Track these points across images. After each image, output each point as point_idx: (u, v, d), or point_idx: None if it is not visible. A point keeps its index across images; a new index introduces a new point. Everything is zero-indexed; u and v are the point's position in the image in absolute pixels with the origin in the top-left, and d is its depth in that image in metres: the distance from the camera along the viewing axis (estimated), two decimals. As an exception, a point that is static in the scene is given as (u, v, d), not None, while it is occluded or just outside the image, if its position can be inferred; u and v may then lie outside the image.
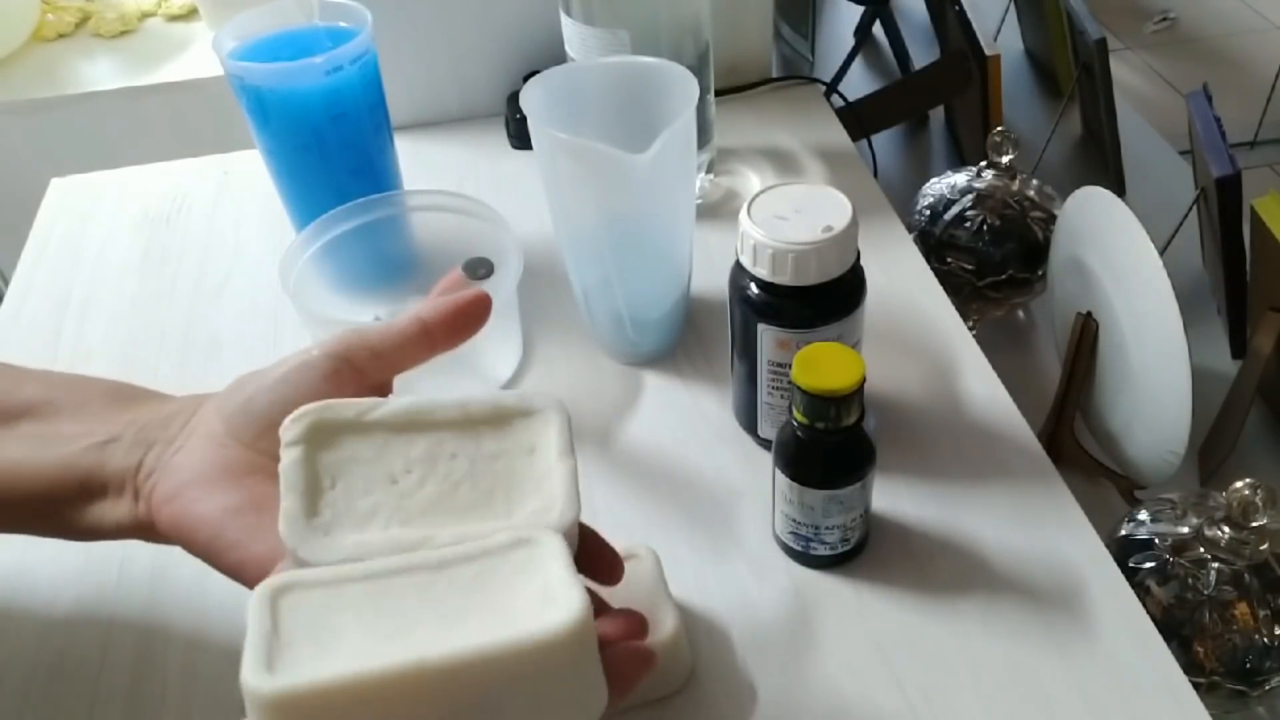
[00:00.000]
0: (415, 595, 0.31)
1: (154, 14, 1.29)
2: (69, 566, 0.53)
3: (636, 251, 0.58)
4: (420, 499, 0.35)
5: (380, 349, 0.40)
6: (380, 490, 0.35)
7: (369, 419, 0.36)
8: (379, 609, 0.31)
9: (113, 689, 0.48)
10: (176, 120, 1.14)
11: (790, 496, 0.49)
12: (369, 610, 0.31)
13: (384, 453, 0.35)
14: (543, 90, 0.56)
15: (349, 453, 0.35)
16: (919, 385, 0.60)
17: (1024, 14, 1.16)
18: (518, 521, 0.34)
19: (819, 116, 0.84)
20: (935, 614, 0.49)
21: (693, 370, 0.62)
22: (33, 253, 0.76)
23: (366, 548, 0.33)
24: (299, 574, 0.32)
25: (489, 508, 0.35)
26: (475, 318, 0.42)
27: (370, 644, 0.30)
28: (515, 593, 0.31)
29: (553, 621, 0.29)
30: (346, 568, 0.32)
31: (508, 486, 0.35)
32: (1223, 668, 0.52)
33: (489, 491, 0.35)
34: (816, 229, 0.49)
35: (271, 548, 0.35)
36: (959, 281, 0.76)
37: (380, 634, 0.30)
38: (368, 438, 0.36)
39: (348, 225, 0.61)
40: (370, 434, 0.36)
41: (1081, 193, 0.65)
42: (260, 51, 0.62)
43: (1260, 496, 0.51)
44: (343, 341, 0.39)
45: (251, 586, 0.35)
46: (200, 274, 0.73)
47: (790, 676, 0.47)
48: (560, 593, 0.31)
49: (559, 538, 0.33)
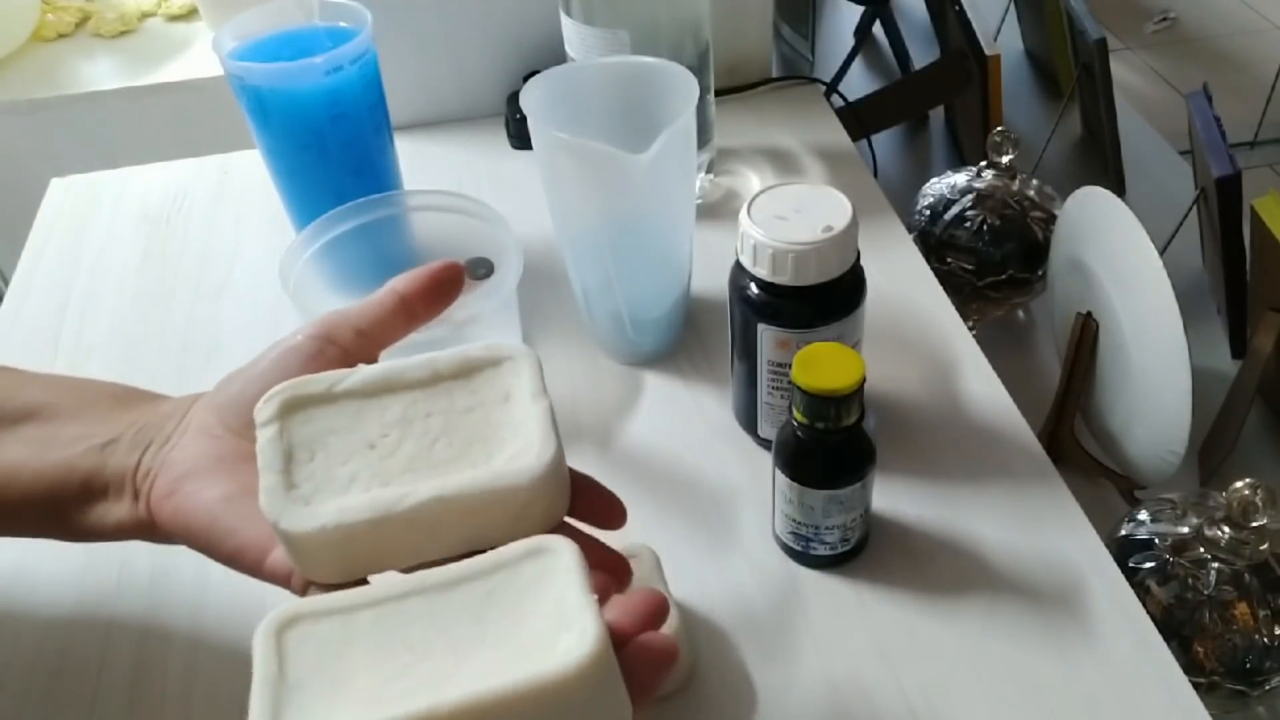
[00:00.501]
0: (426, 620, 0.31)
1: (154, 14, 1.29)
2: (69, 567, 0.53)
3: (636, 251, 0.58)
4: (399, 460, 0.34)
5: (362, 325, 0.40)
6: (359, 457, 0.34)
7: (340, 389, 0.36)
8: (388, 640, 0.30)
9: (113, 689, 0.48)
10: (176, 120, 1.14)
11: (790, 496, 0.49)
12: (378, 642, 0.30)
13: (359, 420, 0.35)
14: (543, 90, 0.56)
15: (324, 424, 0.35)
16: (919, 385, 0.60)
17: (1024, 14, 1.16)
18: (497, 466, 0.34)
19: (819, 116, 0.84)
20: (935, 614, 0.49)
21: (693, 370, 0.62)
22: (33, 253, 0.76)
23: (347, 511, 0.33)
24: (305, 604, 0.31)
25: (467, 458, 0.34)
26: (451, 283, 0.42)
27: (380, 685, 0.29)
28: (530, 612, 0.31)
29: (569, 657, 0.28)
30: (354, 593, 0.31)
31: (485, 437, 0.35)
32: (1223, 668, 0.52)
33: (466, 443, 0.35)
34: (816, 229, 0.49)
35: (267, 531, 0.35)
36: (959, 281, 0.76)
37: (390, 671, 0.29)
38: (341, 408, 0.35)
39: (348, 225, 0.61)
40: (343, 404, 0.35)
41: (1081, 193, 0.65)
42: (260, 51, 0.62)
43: (1260, 496, 0.51)
44: (326, 322, 0.40)
45: (250, 572, 0.36)
46: (200, 274, 0.73)
47: (790, 676, 0.47)
48: (575, 618, 0.29)
49: (572, 546, 0.32)
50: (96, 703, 0.48)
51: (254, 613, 0.48)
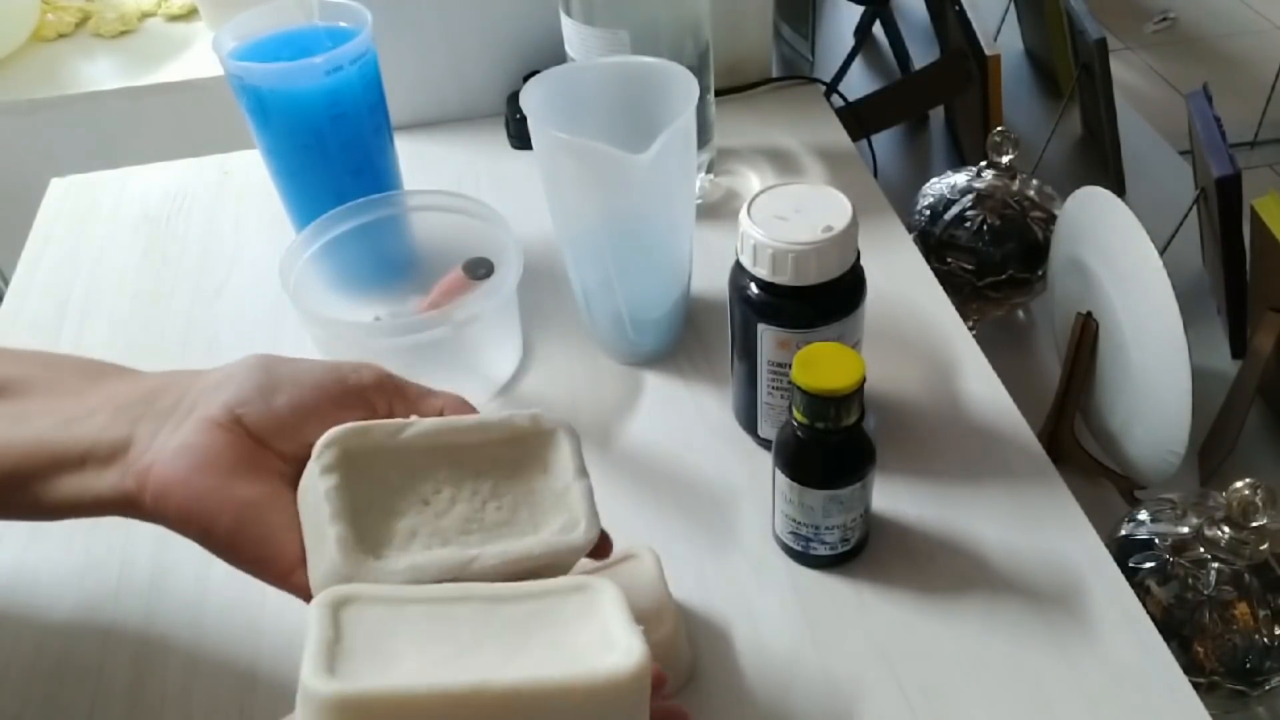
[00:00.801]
0: (473, 624, 0.32)
1: (154, 14, 1.29)
2: (69, 568, 0.53)
3: (636, 251, 0.58)
4: (453, 518, 0.36)
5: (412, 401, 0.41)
6: (414, 512, 0.36)
7: (397, 442, 0.37)
8: (438, 633, 0.32)
9: (113, 690, 0.48)
10: (176, 120, 1.14)
11: (790, 496, 0.49)
12: (428, 632, 0.32)
13: (413, 475, 0.37)
14: (543, 90, 0.56)
15: (380, 475, 0.36)
16: (919, 385, 0.60)
17: (1024, 14, 1.16)
18: (545, 538, 0.36)
19: (819, 116, 0.84)
20: (935, 614, 0.49)
21: (693, 370, 0.62)
22: (33, 253, 0.76)
23: (419, 571, 0.34)
24: (360, 587, 0.33)
25: (515, 524, 0.37)
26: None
27: (429, 665, 0.30)
28: (574, 634, 0.32)
29: (618, 665, 0.30)
30: (406, 588, 0.33)
31: (531, 504, 0.37)
32: (1223, 668, 0.52)
33: (514, 508, 0.37)
34: (816, 229, 0.49)
35: (295, 548, 0.36)
36: (959, 281, 0.76)
37: (439, 656, 0.31)
38: (397, 460, 0.37)
39: (348, 225, 0.61)
40: (399, 456, 0.37)
41: (1081, 193, 0.65)
42: (260, 51, 0.62)
43: (1260, 496, 0.51)
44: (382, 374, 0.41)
45: (274, 581, 0.36)
46: (200, 274, 0.73)
47: (790, 676, 0.47)
48: (621, 640, 0.32)
49: (615, 588, 0.34)
50: (96, 703, 0.48)
51: (254, 614, 0.48)
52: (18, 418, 0.39)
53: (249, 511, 0.36)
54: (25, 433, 0.39)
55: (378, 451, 0.36)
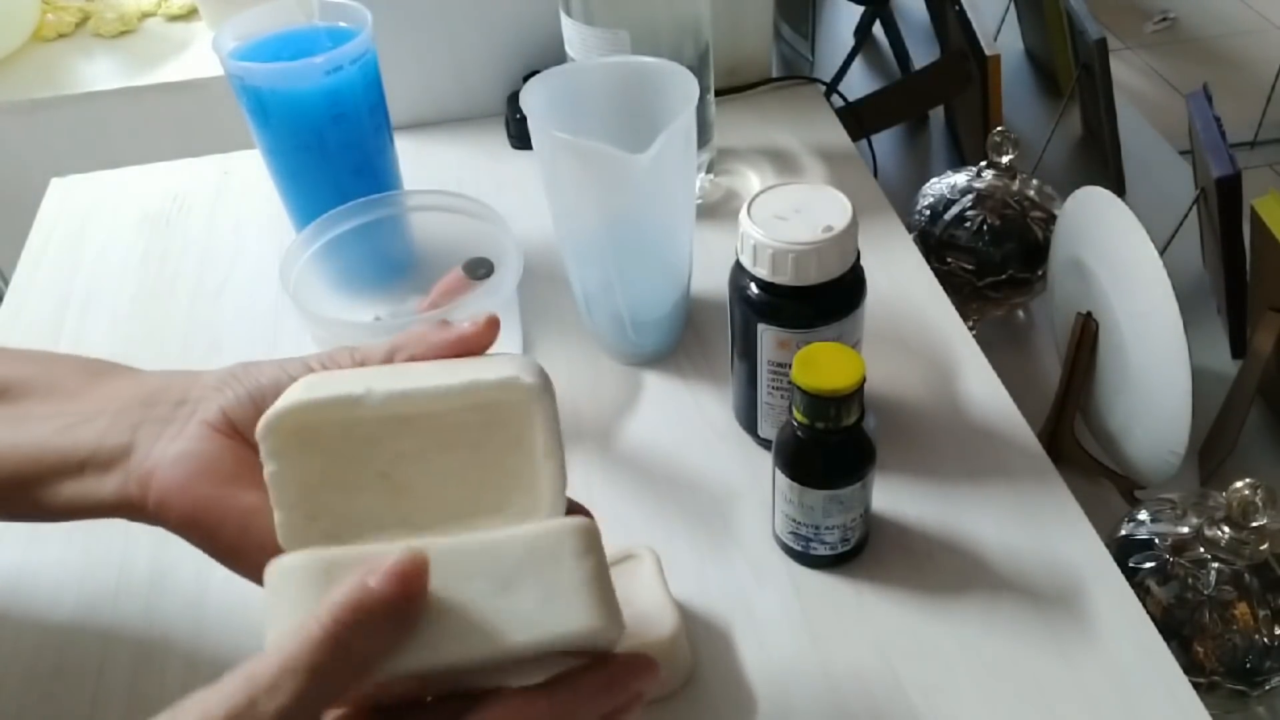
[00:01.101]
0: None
1: (154, 14, 1.29)
2: (69, 569, 0.53)
3: (637, 251, 0.58)
4: (414, 496, 0.34)
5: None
6: (372, 488, 0.34)
7: (352, 414, 0.34)
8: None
9: (113, 690, 0.48)
10: (176, 120, 1.14)
11: (790, 496, 0.49)
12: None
13: (371, 448, 0.34)
14: (543, 90, 0.56)
15: (335, 449, 0.34)
16: (919, 385, 0.60)
17: (1024, 14, 1.16)
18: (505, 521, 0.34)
19: (819, 116, 0.84)
20: (935, 614, 0.49)
21: (693, 370, 0.62)
22: (33, 253, 0.76)
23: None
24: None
25: (478, 503, 0.34)
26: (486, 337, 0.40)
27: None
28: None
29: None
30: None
31: (496, 482, 0.34)
32: (1223, 668, 0.52)
33: (478, 486, 0.34)
34: (816, 229, 0.49)
35: None
36: (959, 281, 0.76)
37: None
38: (352, 433, 0.34)
39: (348, 225, 0.61)
40: (354, 429, 0.34)
41: (1081, 193, 0.65)
42: (260, 51, 0.62)
43: (1260, 496, 0.51)
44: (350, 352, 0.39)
45: None
46: (200, 274, 0.73)
47: (790, 676, 0.47)
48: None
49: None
50: (96, 703, 0.48)
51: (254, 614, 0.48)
52: (17, 420, 0.39)
53: (252, 519, 0.36)
54: (25, 437, 0.39)
55: (330, 425, 0.34)
